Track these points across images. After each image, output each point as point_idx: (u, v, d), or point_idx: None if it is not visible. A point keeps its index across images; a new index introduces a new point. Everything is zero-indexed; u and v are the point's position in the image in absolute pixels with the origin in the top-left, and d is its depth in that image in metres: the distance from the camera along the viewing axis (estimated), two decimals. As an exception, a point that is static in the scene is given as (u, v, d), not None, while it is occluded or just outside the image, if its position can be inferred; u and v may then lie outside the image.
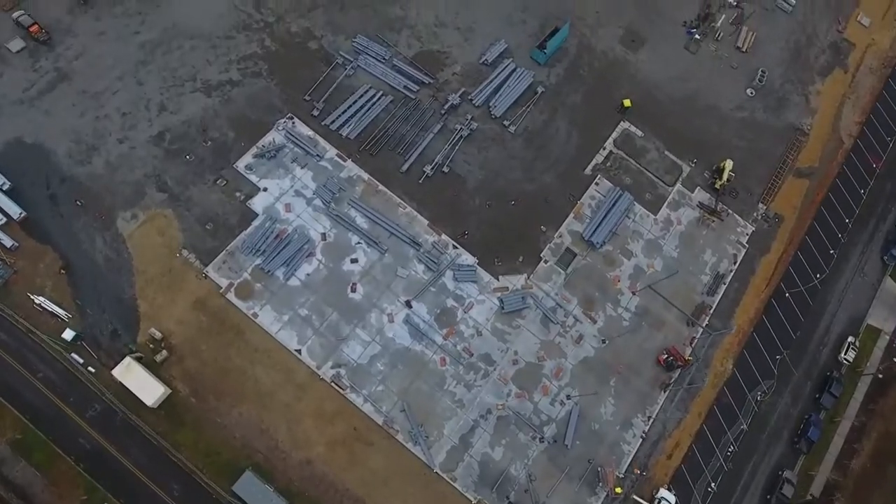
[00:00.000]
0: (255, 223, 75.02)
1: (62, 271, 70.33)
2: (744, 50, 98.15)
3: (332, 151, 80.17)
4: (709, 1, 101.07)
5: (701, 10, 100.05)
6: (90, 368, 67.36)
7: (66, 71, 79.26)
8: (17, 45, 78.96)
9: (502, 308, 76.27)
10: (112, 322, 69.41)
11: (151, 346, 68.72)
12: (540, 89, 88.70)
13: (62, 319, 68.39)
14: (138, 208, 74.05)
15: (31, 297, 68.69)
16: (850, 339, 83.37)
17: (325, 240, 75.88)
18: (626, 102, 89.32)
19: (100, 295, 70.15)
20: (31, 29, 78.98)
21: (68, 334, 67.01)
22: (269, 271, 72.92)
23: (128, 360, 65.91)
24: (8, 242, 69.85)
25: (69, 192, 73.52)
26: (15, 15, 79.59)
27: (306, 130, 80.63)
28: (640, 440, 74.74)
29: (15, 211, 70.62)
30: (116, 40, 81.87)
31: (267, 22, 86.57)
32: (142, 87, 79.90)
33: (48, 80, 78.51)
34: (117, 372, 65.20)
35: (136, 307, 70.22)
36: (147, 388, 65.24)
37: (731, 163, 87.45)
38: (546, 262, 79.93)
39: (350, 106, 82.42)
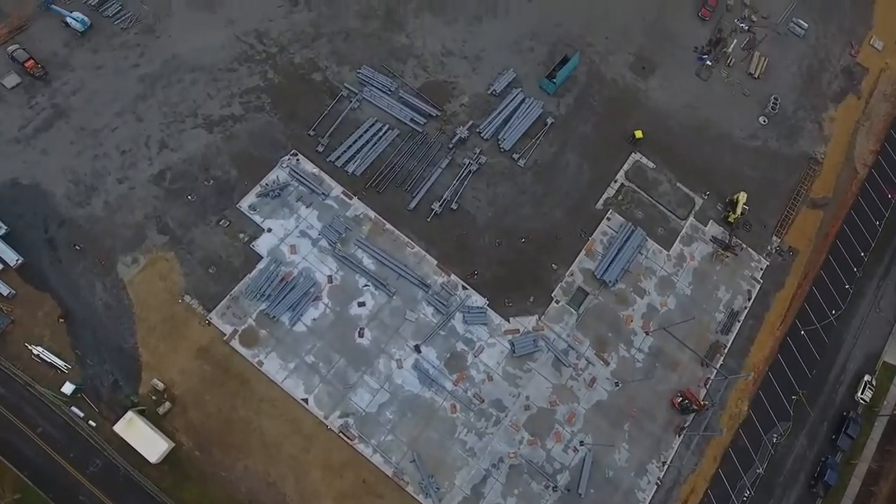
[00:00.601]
0: (260, 266, 72.95)
1: (61, 320, 68.23)
2: (756, 76, 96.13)
3: (337, 189, 78.07)
4: (720, 25, 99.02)
5: (712, 35, 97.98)
6: (91, 422, 65.39)
7: (64, 107, 76.96)
8: (12, 80, 76.61)
9: (513, 351, 74.43)
10: (113, 373, 67.37)
11: (154, 397, 66.74)
12: (549, 120, 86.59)
13: (61, 371, 66.40)
14: (139, 252, 71.91)
15: (30, 347, 66.67)
16: (867, 377, 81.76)
17: (332, 282, 73.87)
18: (638, 134, 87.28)
19: (100, 344, 68.08)
20: (27, 64, 76.55)
21: (68, 388, 64.99)
22: (274, 317, 70.93)
23: (130, 414, 63.91)
24: (5, 290, 67.73)
25: (68, 235, 71.36)
26: (10, 49, 77.16)
27: (311, 167, 78.49)
28: (655, 487, 73.08)
29: (11, 257, 68.41)
30: (115, 74, 79.55)
31: (269, 53, 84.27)
32: (141, 123, 77.65)
33: (45, 117, 76.23)
34: (119, 428, 63.24)
35: (137, 357, 68.19)
36: (150, 444, 63.29)
37: (745, 195, 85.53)
38: (557, 301, 78.06)
39: (355, 141, 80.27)
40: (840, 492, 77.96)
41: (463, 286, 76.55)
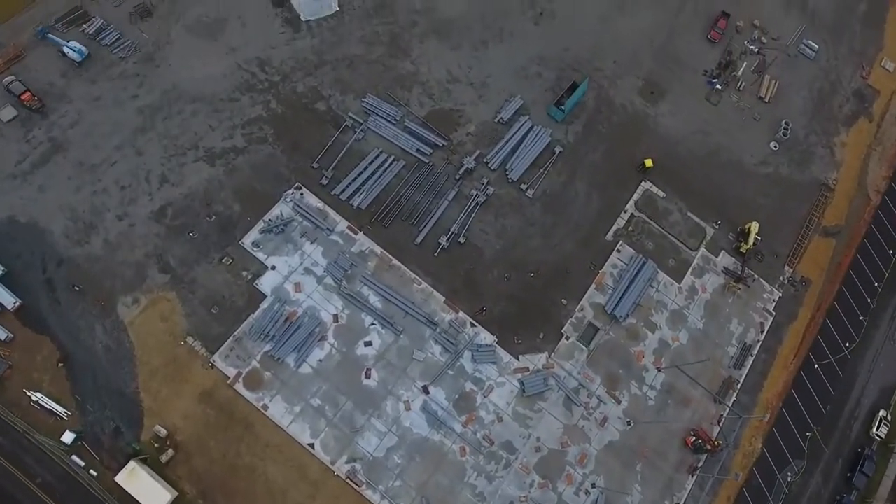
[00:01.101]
0: (264, 305, 71.22)
1: (60, 364, 66.53)
2: (766, 100, 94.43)
3: (342, 224, 76.29)
4: (729, 48, 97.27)
5: (722, 58, 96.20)
6: (92, 472, 63.70)
7: (61, 141, 75.09)
8: (8, 113, 74.71)
9: (523, 391, 72.85)
10: (114, 419, 65.65)
11: (156, 444, 65.05)
12: (558, 149, 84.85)
13: (61, 417, 64.69)
14: (139, 292, 70.12)
15: (28, 393, 64.94)
16: (882, 412, 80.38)
17: (338, 322, 72.16)
18: (648, 162, 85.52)
19: (100, 389, 66.36)
20: (23, 97, 74.63)
21: (68, 437, 63.28)
22: (279, 358, 69.24)
23: (132, 464, 62.29)
24: (2, 334, 65.98)
25: (66, 275, 69.55)
26: (5, 81, 75.25)
27: (315, 201, 76.68)
28: (669, 529, 71.77)
29: (9, 300, 66.65)
30: (113, 105, 77.62)
31: (272, 81, 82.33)
32: (141, 157, 75.79)
33: (42, 151, 74.37)
34: (121, 479, 61.63)
35: (139, 402, 66.48)
36: (153, 495, 61.68)
37: (757, 225, 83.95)
38: (568, 338, 76.46)
39: (360, 173, 78.46)
40: (856, 531, 76.78)
41: (471, 323, 74.91)
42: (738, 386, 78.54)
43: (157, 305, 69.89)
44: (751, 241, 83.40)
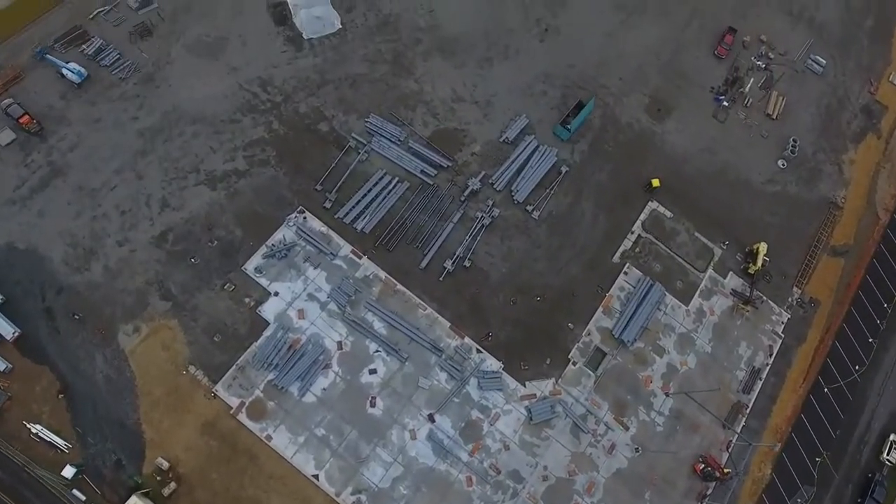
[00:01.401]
0: (267, 333, 70.14)
1: (60, 395, 65.41)
2: (774, 117, 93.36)
3: (346, 248, 75.19)
4: (736, 63, 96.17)
5: (729, 74, 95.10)
6: (93, 506, 62.76)
7: (60, 165, 73.93)
8: (6, 137, 73.55)
9: (530, 419, 71.85)
10: (115, 451, 64.55)
11: (158, 477, 63.97)
12: (564, 169, 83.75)
13: (61, 450, 63.57)
14: (140, 320, 69.00)
15: (28, 425, 63.82)
16: (893, 436, 79.31)
17: (342, 349, 71.11)
18: (655, 182, 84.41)
19: (101, 420, 65.25)
20: (22, 120, 73.43)
21: (69, 471, 62.07)
22: (282, 387, 68.17)
23: (134, 498, 61.25)
24: (1, 365, 64.82)
25: (66, 304, 68.40)
26: (4, 104, 74.07)
27: (318, 225, 75.57)
28: (678, 558, 70.85)
29: (8, 330, 65.49)
30: (113, 128, 76.48)
31: (274, 102, 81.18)
32: (142, 180, 74.64)
33: (41, 175, 73.22)
34: (123, 514, 60.65)
35: (140, 433, 65.38)
36: (155, 530, 60.74)
37: (766, 246, 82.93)
38: (574, 363, 75.45)
39: (364, 195, 77.34)
40: (866, 558, 75.79)
41: (477, 349, 73.89)
42: (748, 411, 77.57)
43: (159, 334, 68.80)
44: (759, 263, 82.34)
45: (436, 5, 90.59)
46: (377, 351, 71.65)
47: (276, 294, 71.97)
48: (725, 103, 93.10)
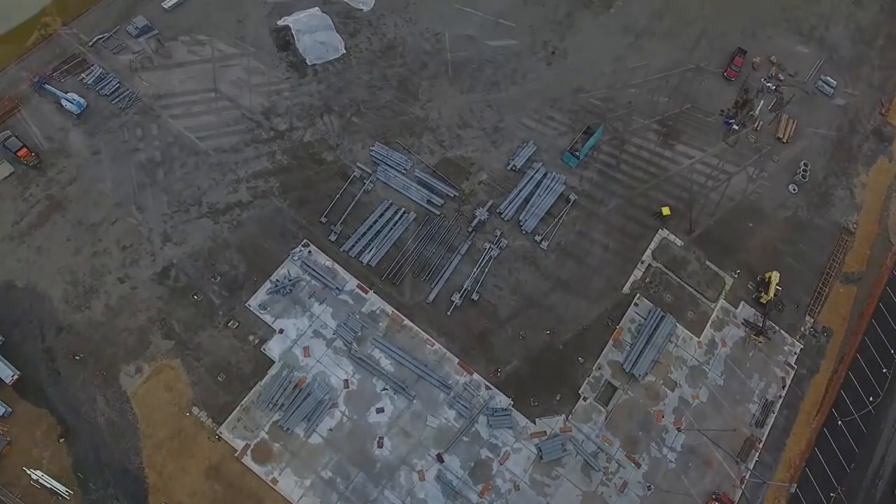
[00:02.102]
0: (272, 372, 68.68)
1: (61, 439, 63.87)
2: (784, 140, 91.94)
3: (352, 282, 73.72)
4: (746, 85, 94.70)
5: (738, 97, 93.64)
6: (95, 556, 61.33)
7: (59, 199, 72.39)
8: (3, 170, 72.08)
9: (541, 457, 70.48)
10: (118, 497, 63.02)
11: (162, 524, 62.69)
12: (572, 197, 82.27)
13: (62, 497, 62.08)
14: (142, 360, 67.50)
15: (28, 471, 62.32)
16: (908, 470, 78.28)
17: (348, 387, 69.67)
18: (665, 210, 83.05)
19: (103, 465, 63.73)
20: (20, 153, 71.80)
21: (70, 521, 60.85)
22: (288, 429, 66.70)
23: (137, 548, 59.90)
24: (0, 409, 63.30)
25: (66, 344, 66.87)
26: (1, 136, 72.42)
27: (324, 259, 74.08)
28: None
29: (7, 373, 63.93)
30: (113, 160, 74.95)
31: (277, 131, 79.62)
32: (143, 214, 73.09)
33: (40, 210, 71.68)
34: (126, 565, 59.22)
35: (143, 478, 63.87)
36: (159, 580, 59.32)
37: (778, 275, 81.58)
38: (585, 399, 74.05)
39: (370, 227, 75.88)
40: None
41: (486, 386, 72.47)
42: (761, 445, 76.22)
43: (161, 374, 67.30)
44: (772, 292, 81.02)
45: (441, 29, 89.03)
46: (384, 389, 70.23)
47: (282, 331, 70.51)
48: (735, 126, 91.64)
